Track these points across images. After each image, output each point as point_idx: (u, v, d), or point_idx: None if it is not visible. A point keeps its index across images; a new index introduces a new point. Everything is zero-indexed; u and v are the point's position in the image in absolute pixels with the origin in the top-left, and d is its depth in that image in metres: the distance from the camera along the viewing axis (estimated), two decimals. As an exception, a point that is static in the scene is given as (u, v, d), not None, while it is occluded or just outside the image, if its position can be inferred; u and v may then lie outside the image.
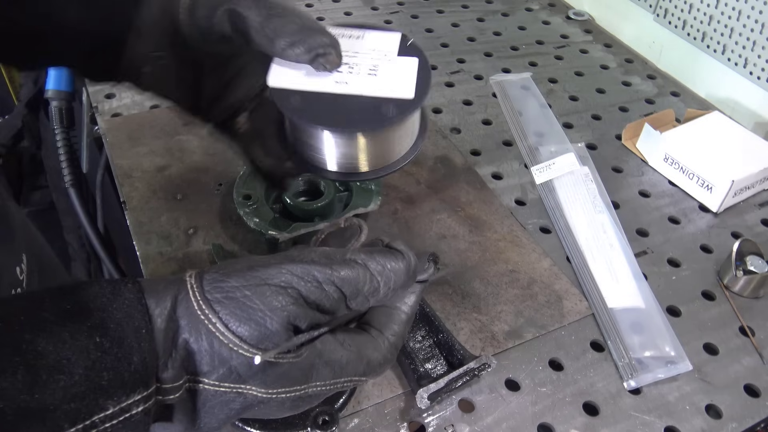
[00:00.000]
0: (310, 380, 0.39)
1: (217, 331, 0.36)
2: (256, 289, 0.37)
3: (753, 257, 0.80)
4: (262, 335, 0.37)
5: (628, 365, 0.71)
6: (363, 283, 0.40)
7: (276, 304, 0.37)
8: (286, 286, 0.38)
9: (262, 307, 0.37)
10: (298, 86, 0.48)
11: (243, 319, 0.37)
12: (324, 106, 0.48)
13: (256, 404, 0.38)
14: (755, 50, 1.05)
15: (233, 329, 0.36)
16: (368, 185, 0.84)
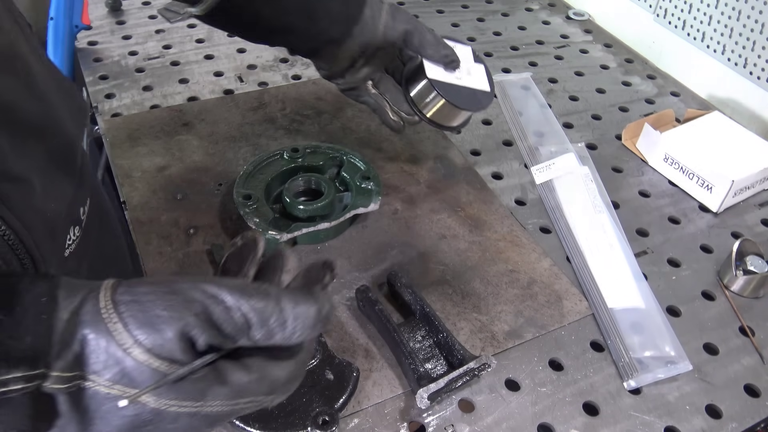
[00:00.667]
0: (205, 398, 0.38)
1: (115, 330, 0.37)
2: (164, 296, 0.38)
3: (753, 257, 0.80)
4: (156, 342, 0.37)
5: (628, 365, 0.71)
6: (270, 316, 0.40)
7: (176, 314, 0.38)
8: (193, 300, 0.38)
9: (163, 313, 0.37)
10: (440, 78, 0.81)
11: (142, 322, 0.37)
12: (451, 90, 0.82)
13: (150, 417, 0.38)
14: (755, 50, 1.05)
15: (130, 330, 0.37)
16: (368, 185, 0.84)
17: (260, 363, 0.41)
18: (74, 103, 0.66)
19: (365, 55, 0.80)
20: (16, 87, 0.52)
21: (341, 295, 0.76)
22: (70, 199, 0.61)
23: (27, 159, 0.52)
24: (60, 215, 0.58)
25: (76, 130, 0.63)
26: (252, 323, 0.39)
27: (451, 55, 0.80)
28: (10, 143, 0.50)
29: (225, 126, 0.98)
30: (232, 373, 0.39)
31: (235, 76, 1.09)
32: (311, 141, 0.96)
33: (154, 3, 1.26)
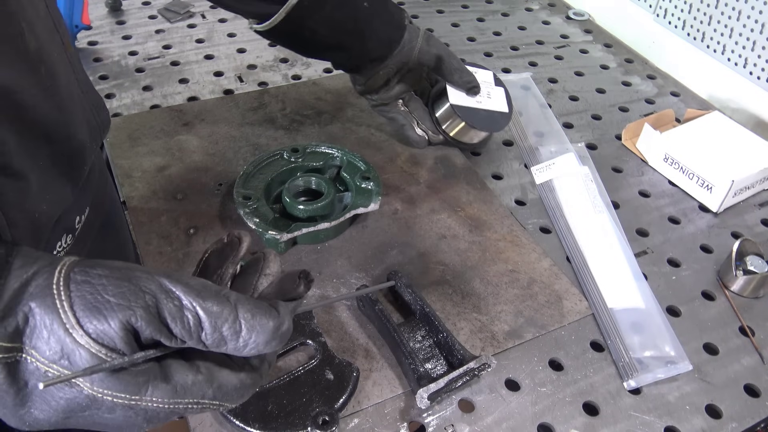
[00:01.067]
0: (143, 393, 0.37)
1: (61, 308, 0.36)
2: (117, 282, 0.38)
3: (753, 257, 0.80)
4: (98, 328, 0.36)
5: (628, 365, 0.71)
6: (224, 323, 0.39)
7: (125, 302, 0.37)
8: (145, 291, 0.38)
9: (111, 299, 0.37)
10: (462, 102, 0.92)
11: (89, 305, 0.37)
12: (472, 113, 0.93)
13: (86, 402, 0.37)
14: (755, 50, 1.05)
15: (75, 312, 0.36)
16: (368, 185, 0.84)
17: (210, 366, 0.40)
18: (96, 118, 0.66)
19: (399, 74, 0.90)
20: (35, 90, 0.52)
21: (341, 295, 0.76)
22: (67, 206, 0.61)
23: (30, 158, 0.53)
24: (51, 219, 0.58)
25: (90, 143, 0.63)
26: (204, 326, 0.38)
27: (473, 81, 0.91)
28: (16, 140, 0.50)
29: (225, 126, 0.98)
30: (177, 372, 0.39)
31: (235, 76, 1.09)
32: (311, 141, 0.96)
33: (154, 3, 1.26)
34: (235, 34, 1.20)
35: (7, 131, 0.49)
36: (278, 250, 0.79)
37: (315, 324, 0.70)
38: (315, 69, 1.13)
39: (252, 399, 0.62)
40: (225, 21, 1.24)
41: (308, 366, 0.66)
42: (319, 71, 1.13)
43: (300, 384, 0.65)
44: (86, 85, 0.66)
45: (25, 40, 0.50)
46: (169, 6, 1.25)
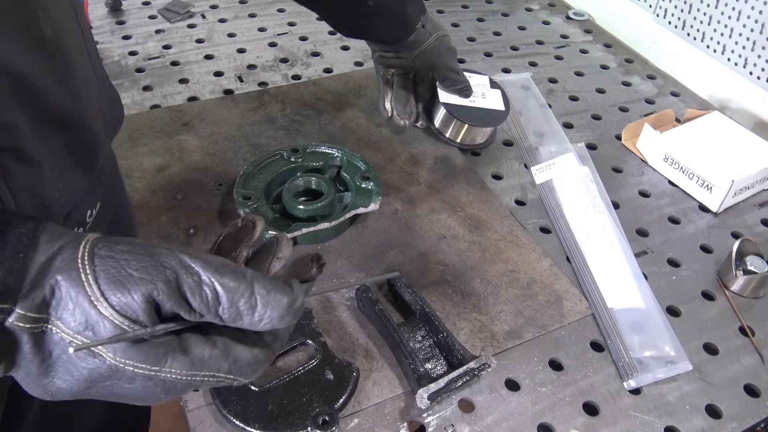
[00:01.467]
0: (163, 364, 0.39)
1: (86, 281, 0.37)
2: (139, 257, 0.39)
3: (753, 257, 0.80)
4: (122, 300, 0.38)
5: (628, 365, 0.71)
6: (240, 298, 0.40)
7: (147, 276, 0.38)
8: (166, 266, 0.39)
9: (134, 273, 0.38)
10: (454, 102, 0.94)
11: (112, 278, 0.38)
12: (463, 111, 0.94)
13: (108, 372, 0.38)
14: (755, 50, 1.05)
15: (100, 284, 0.38)
16: (368, 185, 0.84)
17: (226, 341, 0.41)
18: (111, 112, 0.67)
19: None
20: (49, 77, 0.53)
21: (341, 294, 0.76)
22: (81, 197, 0.62)
23: (44, 144, 0.53)
24: (64, 209, 0.59)
25: (105, 136, 0.65)
26: (221, 301, 0.40)
27: (464, 86, 0.94)
28: (30, 125, 0.51)
29: (225, 126, 0.98)
30: (195, 345, 0.40)
31: (235, 76, 1.09)
32: (311, 141, 0.96)
33: (154, 3, 1.26)
34: (235, 34, 1.20)
35: (20, 116, 0.49)
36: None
37: (315, 324, 0.70)
38: (315, 69, 1.13)
39: (252, 399, 0.62)
40: (225, 21, 1.24)
41: (308, 366, 0.66)
42: (319, 71, 1.13)
43: (300, 384, 0.65)
44: (103, 78, 0.67)
45: (41, 27, 0.51)
46: (169, 6, 1.25)
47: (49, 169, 0.54)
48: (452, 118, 0.95)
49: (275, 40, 1.19)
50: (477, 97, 0.96)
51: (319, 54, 1.17)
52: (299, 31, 1.23)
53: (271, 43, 1.19)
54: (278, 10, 1.28)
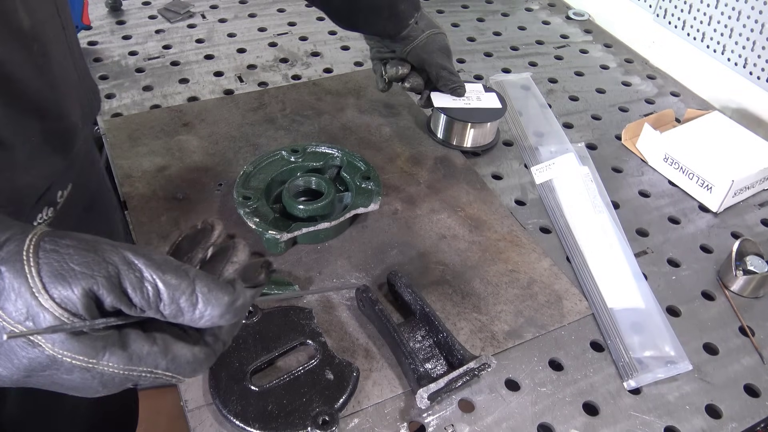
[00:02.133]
0: (100, 358, 0.40)
1: (29, 273, 0.38)
2: (82, 253, 0.40)
3: (753, 257, 0.80)
4: (63, 293, 0.39)
5: (628, 365, 0.71)
6: (181, 295, 0.41)
7: (88, 271, 0.39)
8: (108, 262, 0.40)
9: (76, 268, 0.39)
10: (448, 105, 0.96)
11: (54, 272, 0.39)
12: (461, 112, 0.96)
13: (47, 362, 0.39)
14: (755, 50, 1.05)
15: (42, 277, 0.39)
16: (368, 185, 0.84)
17: (166, 338, 0.42)
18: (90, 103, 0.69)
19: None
20: (26, 66, 0.54)
21: (341, 294, 0.76)
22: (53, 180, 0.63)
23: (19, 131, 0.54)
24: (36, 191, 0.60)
25: (82, 125, 0.66)
26: (162, 297, 0.41)
27: (456, 84, 0.95)
28: (3, 111, 0.52)
29: (225, 126, 0.98)
30: (134, 341, 0.41)
31: (235, 76, 1.09)
32: (311, 141, 0.96)
33: (154, 3, 1.26)
34: (235, 34, 1.20)
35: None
36: (278, 250, 0.79)
37: (315, 324, 0.70)
38: (315, 69, 1.13)
39: (252, 399, 0.62)
40: (225, 21, 1.24)
41: (308, 366, 0.66)
42: (319, 71, 1.13)
43: (300, 384, 0.65)
44: (83, 70, 0.68)
45: (19, 17, 0.52)
46: (169, 6, 1.25)
47: (23, 154, 0.55)
48: (453, 121, 0.96)
49: (275, 40, 1.19)
50: (472, 99, 0.98)
51: (319, 54, 1.17)
52: (299, 31, 1.23)
53: (271, 43, 1.19)
54: (278, 10, 1.28)
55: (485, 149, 0.99)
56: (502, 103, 0.99)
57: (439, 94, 0.98)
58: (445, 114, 0.96)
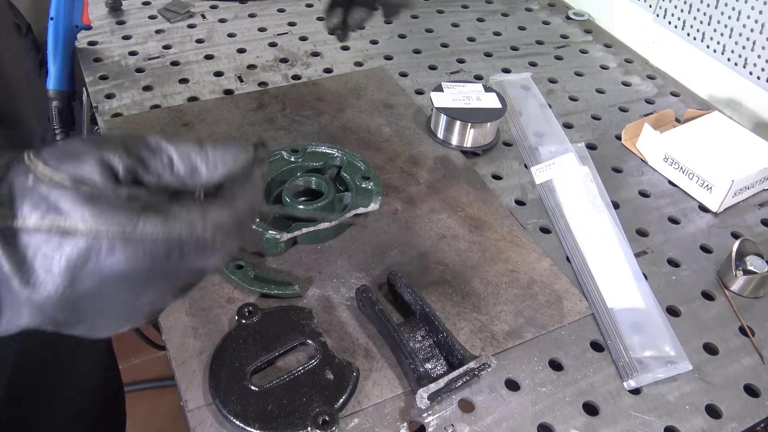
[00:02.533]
0: (137, 222, 0.37)
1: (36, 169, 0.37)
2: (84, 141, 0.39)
3: (753, 257, 0.80)
4: (76, 168, 0.37)
5: (628, 365, 0.71)
6: (191, 152, 0.40)
7: (95, 148, 0.38)
8: (113, 141, 0.39)
9: (82, 148, 0.38)
10: (448, 105, 0.98)
11: (62, 155, 0.38)
12: (462, 112, 0.97)
13: (85, 250, 0.36)
14: (755, 50, 1.05)
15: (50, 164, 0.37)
16: (368, 185, 0.84)
17: (198, 204, 0.40)
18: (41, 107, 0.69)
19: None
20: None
21: (341, 294, 0.76)
22: None
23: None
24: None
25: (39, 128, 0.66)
26: (174, 159, 0.40)
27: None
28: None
29: (225, 126, 0.98)
30: (168, 206, 0.38)
31: (235, 76, 1.09)
32: (311, 141, 0.96)
33: (154, 3, 1.26)
34: (235, 34, 1.20)
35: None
36: (278, 250, 0.79)
37: (315, 324, 0.70)
38: (315, 69, 1.13)
39: (252, 399, 0.62)
40: (225, 21, 1.24)
41: (308, 366, 0.66)
42: (319, 71, 1.13)
43: (300, 384, 0.65)
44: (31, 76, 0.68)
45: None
46: (169, 6, 1.25)
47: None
48: (453, 121, 0.96)
49: (275, 40, 1.19)
50: (472, 99, 0.98)
51: (319, 54, 1.17)
52: (299, 31, 1.23)
53: (271, 43, 1.19)
54: (278, 10, 1.28)
55: (485, 149, 0.99)
56: (502, 103, 0.99)
57: (440, 94, 0.98)
58: (445, 114, 0.96)
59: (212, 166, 0.40)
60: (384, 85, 1.10)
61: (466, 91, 1.00)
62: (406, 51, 1.20)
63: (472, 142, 0.98)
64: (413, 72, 1.15)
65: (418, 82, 1.12)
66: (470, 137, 0.98)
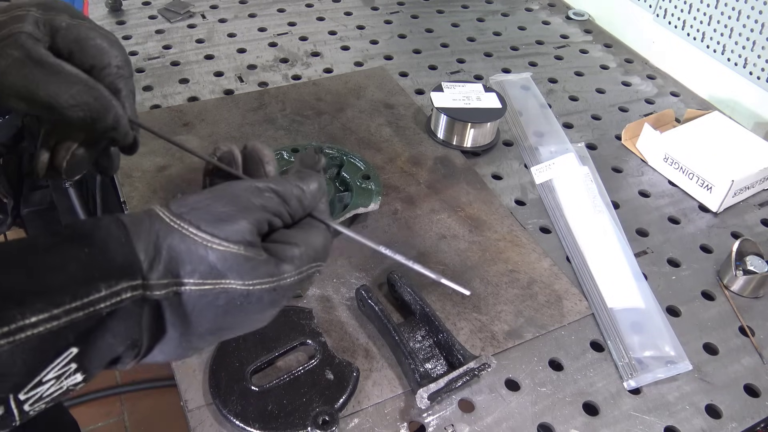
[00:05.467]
0: (279, 272, 0.42)
1: (189, 233, 0.40)
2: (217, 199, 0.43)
3: (753, 257, 0.80)
4: (231, 230, 0.41)
5: (628, 365, 0.71)
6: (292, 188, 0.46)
7: (238, 206, 0.42)
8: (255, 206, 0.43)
9: (225, 209, 0.42)
10: (448, 105, 0.98)
11: (212, 219, 0.41)
12: (462, 112, 0.97)
13: (239, 300, 0.41)
14: (755, 50, 1.05)
15: (205, 229, 0.41)
16: (368, 185, 0.84)
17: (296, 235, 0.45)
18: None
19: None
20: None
21: (341, 294, 0.76)
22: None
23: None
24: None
25: None
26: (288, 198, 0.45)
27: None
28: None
29: (225, 126, 0.98)
30: (286, 249, 0.44)
31: (235, 76, 1.09)
32: (311, 141, 0.96)
33: (154, 3, 1.26)
34: (235, 34, 1.20)
35: None
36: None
37: (315, 324, 0.70)
38: (315, 69, 1.13)
39: (252, 399, 0.62)
40: (225, 21, 1.24)
41: (308, 366, 0.66)
42: (319, 71, 1.13)
43: (300, 384, 0.65)
44: None
45: None
46: (169, 6, 1.25)
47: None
48: (453, 121, 0.96)
49: (275, 40, 1.19)
50: (472, 99, 0.99)
51: (319, 54, 1.17)
52: (299, 31, 1.23)
53: (271, 43, 1.19)
54: (278, 10, 1.28)
55: (485, 149, 0.99)
56: (502, 103, 0.99)
57: (440, 94, 0.98)
58: (445, 114, 0.96)
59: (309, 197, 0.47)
60: (384, 85, 1.10)
61: (466, 91, 1.00)
62: (406, 51, 1.20)
63: (472, 142, 0.98)
64: (413, 72, 1.15)
65: (418, 82, 1.12)
66: (470, 137, 0.98)
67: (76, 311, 0.35)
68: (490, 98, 1.00)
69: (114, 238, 0.39)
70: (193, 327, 0.41)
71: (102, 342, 0.37)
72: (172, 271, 0.40)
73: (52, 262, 0.36)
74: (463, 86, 1.01)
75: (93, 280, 0.36)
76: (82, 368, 0.37)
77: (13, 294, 0.34)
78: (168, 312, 0.40)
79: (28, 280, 0.35)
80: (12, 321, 0.33)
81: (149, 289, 0.39)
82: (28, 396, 0.35)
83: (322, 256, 0.46)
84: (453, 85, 1.01)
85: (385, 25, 1.27)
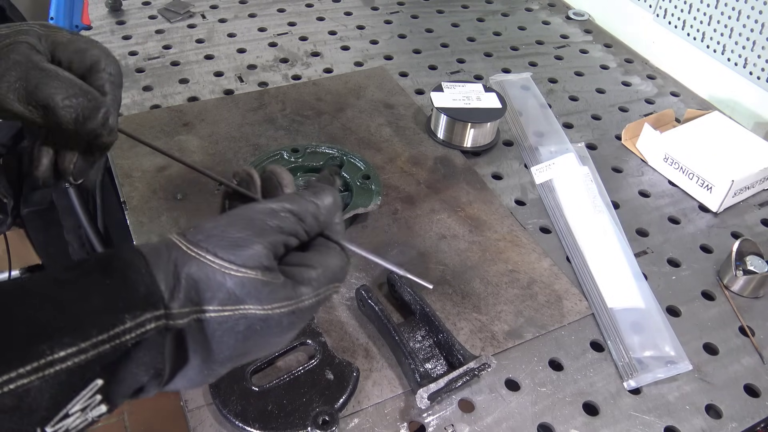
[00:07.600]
0: (297, 295, 0.43)
1: (207, 260, 0.41)
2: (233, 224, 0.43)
3: (753, 257, 0.80)
4: (247, 255, 0.41)
5: (628, 365, 0.71)
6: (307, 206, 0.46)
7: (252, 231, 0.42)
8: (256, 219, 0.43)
9: (241, 234, 0.42)
10: (448, 105, 0.98)
11: (228, 246, 0.41)
12: (462, 112, 0.97)
13: (258, 324, 0.41)
14: (755, 50, 1.05)
15: (222, 256, 0.41)
16: (368, 185, 0.84)
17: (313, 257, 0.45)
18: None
19: None
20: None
21: (341, 294, 0.76)
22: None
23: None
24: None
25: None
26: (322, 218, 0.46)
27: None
28: None
29: (225, 126, 0.98)
30: (304, 271, 0.44)
31: (235, 76, 1.09)
32: (311, 141, 0.96)
33: (154, 3, 1.26)
34: (235, 34, 1.20)
35: None
36: (278, 250, 0.79)
37: (315, 324, 0.70)
38: (315, 69, 1.13)
39: (252, 399, 0.62)
40: (225, 21, 1.24)
41: (308, 366, 0.66)
42: (319, 71, 1.13)
43: (300, 384, 0.65)
44: None
45: None
46: (169, 6, 1.25)
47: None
48: (453, 121, 0.96)
49: (275, 40, 1.19)
50: (472, 99, 0.99)
51: (319, 54, 1.17)
52: (299, 31, 1.23)
53: (271, 43, 1.19)
54: (278, 10, 1.28)
55: (485, 149, 0.99)
56: (502, 103, 0.99)
57: (440, 94, 0.99)
58: (445, 114, 0.96)
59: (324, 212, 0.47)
60: (384, 85, 1.10)
61: (466, 91, 1.00)
62: (406, 51, 1.20)
63: (471, 142, 0.98)
64: (413, 72, 1.15)
65: (418, 82, 1.12)
66: (470, 137, 0.98)
67: (103, 344, 0.36)
68: (490, 98, 1.00)
69: (134, 269, 0.39)
70: (215, 354, 0.42)
71: (127, 373, 0.38)
72: (193, 299, 0.40)
73: (76, 296, 0.37)
74: (463, 86, 1.01)
75: (118, 312, 0.37)
76: (107, 399, 0.37)
77: (40, 329, 0.35)
78: (190, 340, 0.41)
79: (54, 314, 0.36)
80: (41, 356, 0.34)
81: (171, 318, 0.39)
82: (55, 429, 0.35)
83: (340, 277, 0.47)
84: (453, 85, 1.01)
85: (385, 25, 1.27)
